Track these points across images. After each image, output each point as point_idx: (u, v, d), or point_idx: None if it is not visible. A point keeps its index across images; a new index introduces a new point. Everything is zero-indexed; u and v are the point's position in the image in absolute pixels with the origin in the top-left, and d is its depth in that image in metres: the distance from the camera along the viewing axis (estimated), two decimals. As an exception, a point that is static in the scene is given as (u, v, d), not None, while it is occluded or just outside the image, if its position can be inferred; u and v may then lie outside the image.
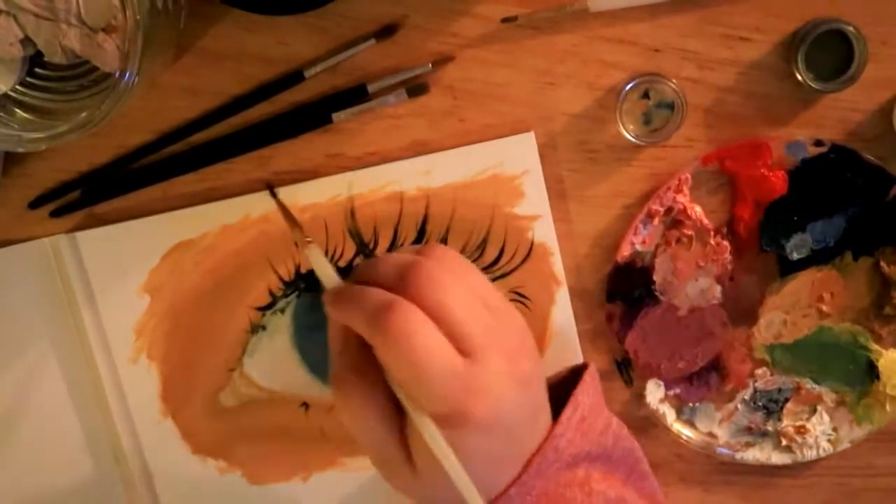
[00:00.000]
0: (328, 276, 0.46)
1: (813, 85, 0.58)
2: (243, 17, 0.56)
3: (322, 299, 0.46)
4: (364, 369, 0.44)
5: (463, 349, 0.43)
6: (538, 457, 0.46)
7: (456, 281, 0.44)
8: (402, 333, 0.42)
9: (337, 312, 0.45)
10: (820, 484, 0.64)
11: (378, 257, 0.48)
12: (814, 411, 0.63)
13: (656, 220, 0.60)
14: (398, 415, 0.45)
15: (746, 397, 0.63)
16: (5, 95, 0.54)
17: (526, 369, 0.45)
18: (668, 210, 0.60)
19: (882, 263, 0.61)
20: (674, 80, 0.58)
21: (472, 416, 0.42)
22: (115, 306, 0.61)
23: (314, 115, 0.59)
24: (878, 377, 0.62)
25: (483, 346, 0.43)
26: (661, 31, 0.58)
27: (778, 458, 0.63)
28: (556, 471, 0.47)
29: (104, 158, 0.60)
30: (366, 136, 0.60)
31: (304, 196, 0.60)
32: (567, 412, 0.48)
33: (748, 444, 0.63)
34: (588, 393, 0.50)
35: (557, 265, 0.61)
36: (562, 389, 0.50)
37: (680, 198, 0.59)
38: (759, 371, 0.63)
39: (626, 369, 0.62)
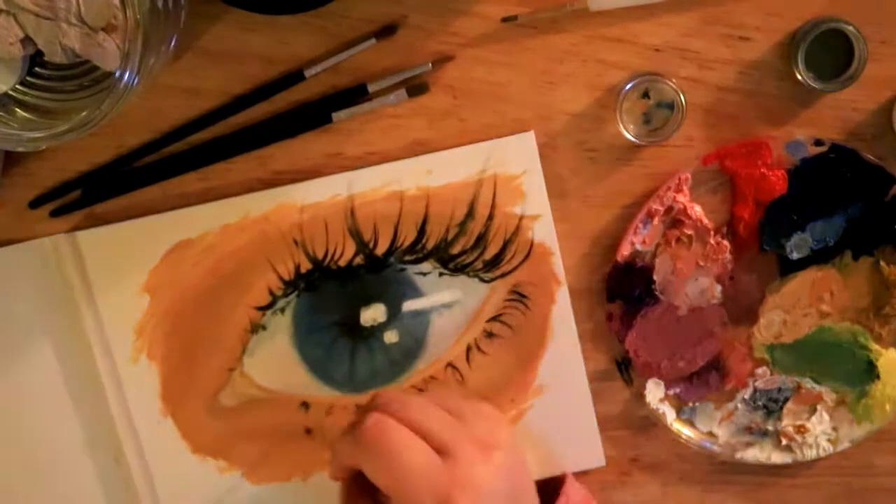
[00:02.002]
0: None
1: (813, 84, 0.58)
2: (243, 16, 0.56)
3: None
4: (358, 497, 0.50)
5: (436, 448, 0.47)
6: None
7: (412, 396, 0.51)
8: (377, 437, 0.47)
9: (335, 458, 0.52)
10: (820, 484, 0.64)
11: None
12: (814, 411, 0.63)
13: (656, 220, 0.60)
14: None
15: (746, 397, 0.63)
16: (6, 95, 0.54)
17: (499, 457, 0.49)
18: (668, 210, 0.60)
19: (882, 263, 0.61)
20: (674, 80, 0.58)
21: None
22: (115, 306, 0.61)
23: (314, 115, 0.59)
24: (878, 377, 0.62)
25: (451, 441, 0.48)
26: (661, 31, 0.58)
27: (778, 458, 0.63)
28: None
29: (104, 158, 0.60)
30: (366, 135, 0.60)
31: (304, 195, 0.60)
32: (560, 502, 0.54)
33: (748, 444, 0.63)
34: (576, 489, 0.55)
35: (557, 265, 0.61)
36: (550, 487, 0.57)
37: (680, 197, 0.59)
38: (759, 370, 0.63)
39: (626, 369, 0.62)
